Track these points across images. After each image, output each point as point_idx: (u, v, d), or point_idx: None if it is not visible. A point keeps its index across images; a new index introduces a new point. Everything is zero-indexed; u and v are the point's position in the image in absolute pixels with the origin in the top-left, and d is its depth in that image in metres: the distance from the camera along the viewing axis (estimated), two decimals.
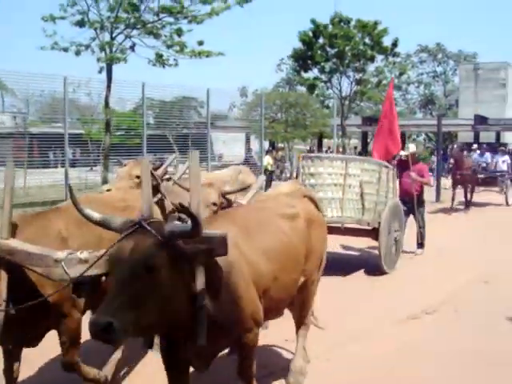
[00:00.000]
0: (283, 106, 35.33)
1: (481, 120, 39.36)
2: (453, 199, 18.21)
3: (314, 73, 21.35)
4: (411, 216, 11.10)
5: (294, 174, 35.01)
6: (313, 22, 20.32)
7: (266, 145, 35.80)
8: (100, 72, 14.56)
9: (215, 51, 15.16)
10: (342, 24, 20.33)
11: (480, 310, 7.47)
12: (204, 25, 13.83)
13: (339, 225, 9.06)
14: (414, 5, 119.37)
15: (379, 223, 9.29)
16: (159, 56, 14.13)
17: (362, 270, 9.72)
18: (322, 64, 20.74)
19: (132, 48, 14.08)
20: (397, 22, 60.93)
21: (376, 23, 20.25)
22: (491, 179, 20.45)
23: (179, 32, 13.98)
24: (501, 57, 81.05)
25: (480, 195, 20.15)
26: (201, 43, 14.53)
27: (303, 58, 21.00)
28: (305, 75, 21.37)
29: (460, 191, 18.52)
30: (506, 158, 23.51)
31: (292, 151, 45.41)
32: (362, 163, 9.20)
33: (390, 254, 9.48)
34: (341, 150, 44.91)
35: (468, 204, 18.54)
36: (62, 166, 20.72)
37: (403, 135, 45.98)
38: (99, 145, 23.73)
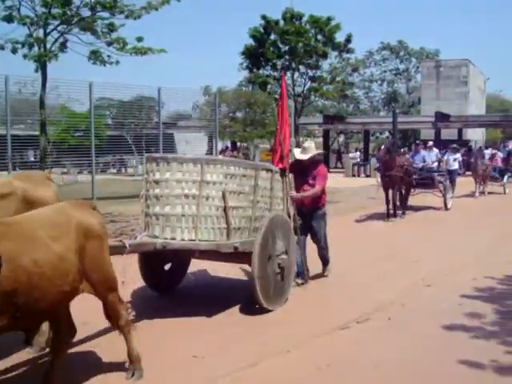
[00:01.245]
0: (241, 105, 34.90)
1: (442, 117, 39.36)
2: (387, 203, 15.48)
3: (266, 70, 20.65)
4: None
5: None
6: (263, 17, 19.78)
7: (228, 144, 35.32)
8: (36, 71, 13.80)
9: (156, 48, 14.49)
10: (293, 20, 19.81)
11: (415, 317, 6.92)
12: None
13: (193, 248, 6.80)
14: (376, 3, 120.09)
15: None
16: (94, 53, 13.40)
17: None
18: (274, 61, 20.12)
19: (64, 44, 13.37)
20: (359, 20, 60.96)
21: (329, 19, 19.84)
22: (428, 180, 18.21)
23: (111, 27, 13.33)
24: (463, 54, 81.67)
25: (417, 198, 18.32)
26: (140, 39, 13.86)
27: (255, 55, 20.37)
28: (257, 72, 20.72)
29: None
30: (458, 156, 23.22)
31: (256, 150, 45.05)
32: (225, 166, 6.73)
33: (272, 286, 7.04)
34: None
35: (404, 208, 16.41)
36: (21, 169, 20.04)
37: (367, 133, 46.34)
38: (59, 146, 23.17)
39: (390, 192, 15.40)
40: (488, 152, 33.68)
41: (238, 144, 41.82)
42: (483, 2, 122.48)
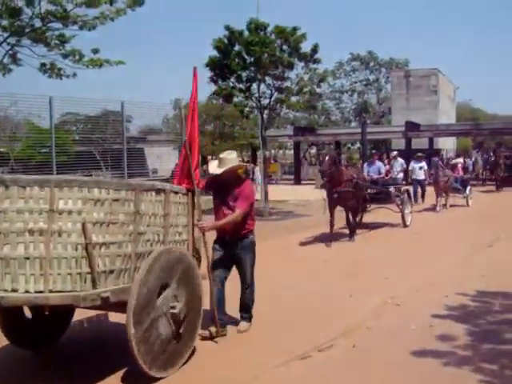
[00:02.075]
0: (209, 118, 34.48)
1: (412, 126, 39.24)
2: (331, 225, 13.38)
3: (232, 82, 20.11)
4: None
5: None
6: (227, 28, 19.23)
7: None
8: None
9: (114, 60, 13.97)
10: (258, 30, 19.31)
11: (383, 342, 6.38)
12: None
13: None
14: (345, 14, 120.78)
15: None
16: (44, 65, 12.82)
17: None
18: (239, 72, 19.59)
19: (13, 57, 12.77)
20: (328, 32, 61.09)
21: (295, 29, 19.33)
22: (384, 194, 16.40)
23: (62, 38, 12.77)
24: (432, 63, 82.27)
25: (373, 214, 16.82)
26: (96, 51, 13.32)
27: (220, 67, 19.82)
28: (222, 84, 20.14)
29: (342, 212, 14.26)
30: (423, 164, 22.89)
31: None
32: (86, 189, 4.94)
33: (159, 349, 5.34)
34: (273, 161, 44.49)
35: (353, 228, 14.21)
36: None
37: (338, 144, 46.09)
38: (25, 163, 22.48)
39: (343, 211, 13.76)
40: (460, 160, 33.55)
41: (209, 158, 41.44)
42: (452, 12, 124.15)
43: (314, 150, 64.36)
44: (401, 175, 22.71)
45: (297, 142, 42.74)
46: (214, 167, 6.69)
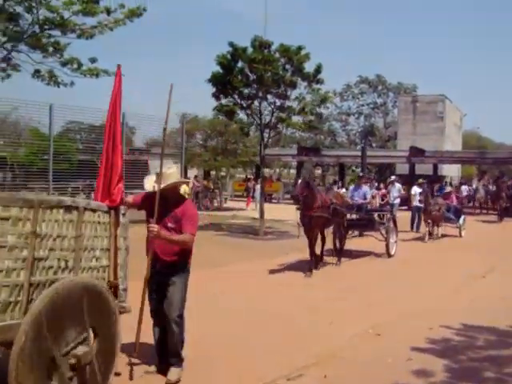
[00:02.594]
0: (213, 134, 34.44)
1: (416, 152, 39.04)
2: (311, 253, 12.53)
3: (234, 98, 20.00)
4: None
5: (226, 203, 34.33)
6: (231, 44, 19.14)
7: (194, 172, 34.81)
8: None
9: (113, 70, 13.83)
10: (262, 48, 19.23)
11: (356, 374, 6.12)
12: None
13: None
14: (354, 37, 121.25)
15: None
16: (37, 72, 12.72)
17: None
18: (241, 89, 19.46)
19: (7, 62, 12.67)
20: (339, 54, 61.26)
21: (299, 48, 19.22)
22: (366, 221, 15.35)
23: (57, 46, 12.67)
24: (439, 89, 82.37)
25: (357, 242, 15.85)
26: (93, 60, 13.21)
27: (222, 83, 19.71)
28: (223, 101, 20.04)
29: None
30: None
31: (228, 179, 44.56)
32: None
33: None
34: (275, 180, 44.33)
35: (338, 255, 13.76)
36: None
37: (342, 166, 45.91)
38: (27, 169, 22.44)
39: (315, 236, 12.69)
40: (465, 188, 33.12)
41: (213, 173, 41.39)
42: (462, 39, 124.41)
43: (319, 171, 64.29)
44: (397, 201, 22.54)
45: (300, 162, 42.60)
46: (150, 183, 5.77)
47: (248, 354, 6.71)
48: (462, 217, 21.05)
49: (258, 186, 28.35)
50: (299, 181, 12.70)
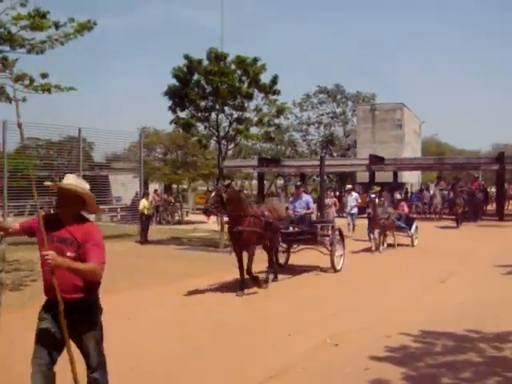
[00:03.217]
0: (172, 147, 34.30)
1: (376, 160, 39.36)
2: (240, 271, 11.42)
3: (190, 111, 19.91)
4: None
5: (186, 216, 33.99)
6: (186, 57, 19.07)
7: (155, 187, 34.47)
8: None
9: (65, 86, 13.60)
10: (218, 60, 19.20)
11: None
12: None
13: None
14: (313, 47, 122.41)
15: None
16: None
17: None
18: (198, 102, 19.39)
19: None
20: (297, 64, 61.64)
21: (255, 60, 19.22)
22: (308, 234, 14.01)
23: (5, 62, 12.44)
24: (398, 98, 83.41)
25: (302, 256, 14.87)
26: (44, 76, 12.98)
27: (179, 96, 19.61)
28: (180, 114, 19.94)
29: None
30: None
31: (190, 192, 44.30)
32: None
33: None
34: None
35: (275, 270, 12.76)
36: None
37: (303, 176, 46.07)
38: None
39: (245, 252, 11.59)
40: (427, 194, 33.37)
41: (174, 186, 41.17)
42: (418, 48, 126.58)
43: (281, 181, 64.43)
44: (355, 210, 22.57)
45: (261, 173, 42.60)
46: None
47: (202, 369, 6.58)
48: (414, 225, 20.56)
49: None
50: (212, 193, 11.27)
